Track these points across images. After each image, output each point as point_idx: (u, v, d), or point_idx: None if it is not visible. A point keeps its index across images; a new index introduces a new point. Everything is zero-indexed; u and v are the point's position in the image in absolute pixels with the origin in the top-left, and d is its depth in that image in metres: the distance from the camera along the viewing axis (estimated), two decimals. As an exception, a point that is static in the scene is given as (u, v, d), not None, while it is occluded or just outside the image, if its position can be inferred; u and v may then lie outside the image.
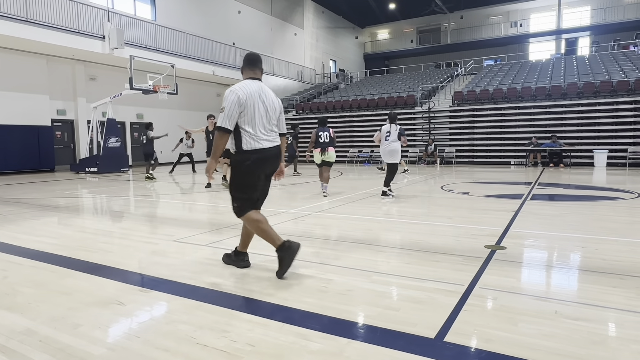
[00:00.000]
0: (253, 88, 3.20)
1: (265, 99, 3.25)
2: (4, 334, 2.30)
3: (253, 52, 3.49)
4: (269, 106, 3.25)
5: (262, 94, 3.23)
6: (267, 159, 3.20)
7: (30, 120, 15.48)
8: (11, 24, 13.19)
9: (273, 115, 3.29)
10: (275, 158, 3.27)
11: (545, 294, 2.87)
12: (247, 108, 3.12)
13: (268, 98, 3.27)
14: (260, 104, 3.19)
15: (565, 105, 16.36)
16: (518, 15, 33.03)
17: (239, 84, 3.22)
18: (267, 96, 3.28)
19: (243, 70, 3.41)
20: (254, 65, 3.36)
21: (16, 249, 4.22)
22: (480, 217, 5.78)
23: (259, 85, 3.26)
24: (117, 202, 7.97)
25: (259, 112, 3.17)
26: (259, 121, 3.17)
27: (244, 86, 3.18)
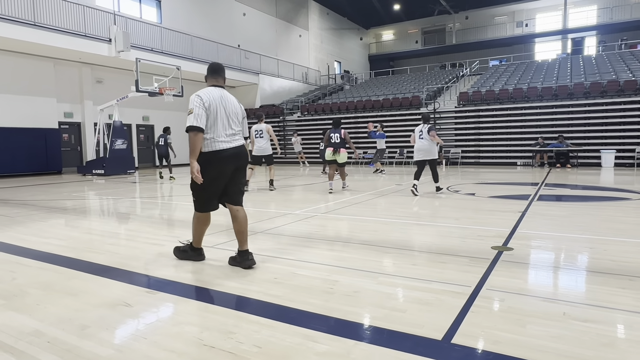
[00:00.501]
0: (215, 94, 3.47)
1: (227, 104, 3.52)
2: (12, 335, 2.31)
3: (216, 62, 3.77)
4: (230, 112, 3.52)
5: (223, 100, 3.50)
6: (226, 159, 3.46)
7: (37, 123, 15.62)
8: (19, 28, 13.32)
9: (235, 120, 3.57)
10: (235, 157, 3.51)
11: (553, 296, 2.84)
12: (210, 112, 3.39)
13: (229, 104, 3.55)
14: (222, 109, 3.46)
15: (572, 105, 16.25)
16: (524, 15, 32.88)
17: (203, 90, 3.47)
18: (229, 102, 3.55)
19: (207, 79, 3.67)
20: (217, 74, 3.63)
21: (24, 251, 4.25)
22: (487, 218, 5.75)
23: (220, 92, 3.53)
24: (123, 204, 8.02)
25: (220, 117, 3.44)
26: (220, 125, 3.44)
27: (208, 92, 3.45)
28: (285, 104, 24.34)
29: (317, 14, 32.19)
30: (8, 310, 2.67)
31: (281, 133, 22.37)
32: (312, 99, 25.58)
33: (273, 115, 22.82)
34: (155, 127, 20.21)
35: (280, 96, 25.84)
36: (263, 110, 23.26)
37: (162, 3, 20.30)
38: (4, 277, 3.37)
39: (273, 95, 25.26)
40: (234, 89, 24.91)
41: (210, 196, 3.55)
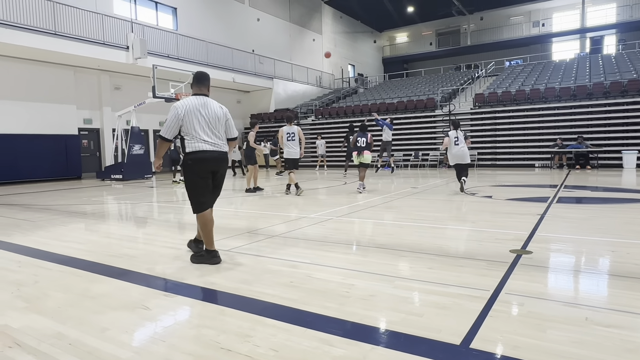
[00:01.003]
0: (195, 102, 3.76)
1: (207, 111, 3.77)
2: (36, 337, 2.36)
3: (201, 71, 4.05)
4: (210, 118, 3.77)
5: (204, 107, 3.77)
6: (206, 159, 3.71)
7: (58, 129, 16.00)
8: (41, 38, 13.70)
9: (217, 124, 3.81)
10: (216, 160, 3.77)
11: (574, 300, 2.78)
12: (186, 120, 3.69)
13: (210, 110, 3.79)
14: (200, 116, 3.73)
15: (591, 105, 15.92)
16: (540, 15, 32.42)
17: (183, 100, 3.79)
18: (209, 109, 3.80)
19: (192, 87, 3.95)
20: (201, 83, 3.91)
21: (46, 255, 4.35)
22: (505, 221, 5.66)
23: (201, 100, 3.81)
24: (141, 208, 8.14)
25: (198, 122, 3.72)
26: (200, 129, 3.72)
27: (186, 102, 3.75)
28: (299, 107, 24.44)
29: (330, 18, 32.30)
30: (31, 313, 2.74)
31: (295, 137, 22.42)
32: (326, 103, 25.63)
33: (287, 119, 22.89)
34: (171, 132, 20.47)
35: (295, 100, 25.96)
36: (278, 114, 23.40)
37: (178, 10, 20.63)
38: (26, 280, 3.45)
39: (287, 100, 25.40)
40: (248, 94, 25.14)
41: (201, 194, 3.78)
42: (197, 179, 3.75)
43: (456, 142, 8.83)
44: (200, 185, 3.77)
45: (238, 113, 24.63)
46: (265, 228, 5.51)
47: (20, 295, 3.08)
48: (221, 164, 3.84)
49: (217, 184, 3.90)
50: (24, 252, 4.47)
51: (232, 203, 8.61)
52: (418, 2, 32.26)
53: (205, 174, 3.76)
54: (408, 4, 32.54)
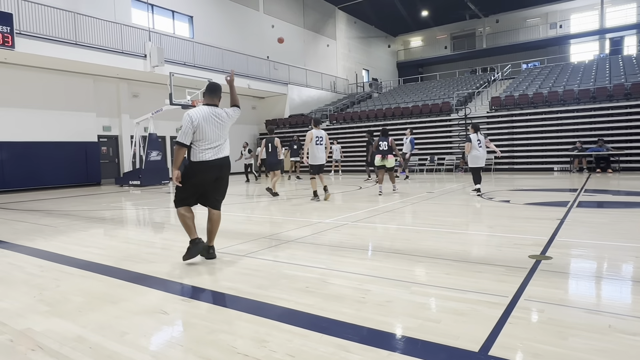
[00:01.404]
0: (205, 112, 3.94)
1: (216, 120, 3.98)
2: (57, 341, 2.41)
3: (214, 82, 4.24)
4: (218, 126, 3.99)
5: (213, 117, 3.97)
6: (208, 168, 3.93)
7: (78, 136, 16.37)
8: (62, 48, 14.08)
9: (224, 130, 4.05)
10: (218, 167, 3.99)
11: (596, 307, 2.71)
12: (197, 129, 3.87)
13: (218, 119, 4.00)
14: (211, 126, 3.93)
15: (611, 107, 15.58)
16: (557, 17, 31.95)
17: (195, 109, 3.96)
18: (218, 117, 4.01)
19: (204, 96, 4.15)
20: (213, 93, 4.10)
21: (67, 259, 4.44)
22: (523, 226, 5.57)
23: (211, 109, 3.99)
24: (158, 213, 8.25)
25: (207, 132, 3.90)
26: (207, 139, 3.92)
27: (198, 111, 3.92)
28: (313, 113, 24.52)
29: (344, 23, 32.40)
30: (52, 317, 2.80)
31: (310, 142, 22.48)
32: (340, 108, 25.66)
33: (302, 124, 23.01)
34: (188, 139, 20.76)
35: (309, 105, 26.06)
36: (292, 119, 23.52)
37: (194, 19, 20.97)
38: (48, 285, 3.53)
39: (302, 105, 25.52)
40: (263, 100, 25.34)
41: (187, 196, 4.06)
42: (192, 184, 3.98)
43: (479, 145, 9.18)
44: (191, 190, 4.02)
45: (253, 119, 24.84)
46: (281, 233, 5.53)
47: (43, 299, 3.15)
48: (223, 170, 4.05)
49: (219, 188, 4.13)
50: (46, 257, 4.57)
51: (247, 208, 8.67)
52: (432, 6, 32.14)
53: (203, 182, 4.01)
54: (422, 8, 32.46)
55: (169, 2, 19.76)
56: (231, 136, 17.07)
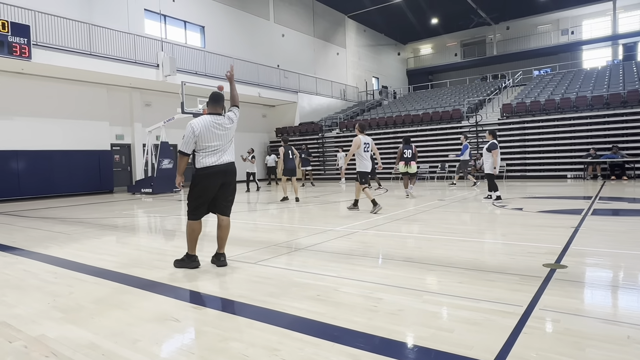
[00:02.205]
0: (207, 121, 4.02)
1: (218, 128, 4.05)
2: (70, 347, 2.43)
3: (217, 92, 4.23)
4: (221, 134, 4.06)
5: (215, 126, 4.04)
6: (212, 174, 4.01)
7: (92, 145, 16.63)
8: (77, 58, 14.36)
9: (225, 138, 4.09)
10: (222, 173, 4.05)
11: (614, 317, 2.65)
12: (200, 138, 3.98)
13: (221, 126, 4.08)
14: (213, 134, 4.01)
15: (626, 113, 15.36)
16: (569, 23, 31.73)
17: (198, 118, 4.05)
18: (221, 125, 4.07)
19: (207, 106, 4.21)
20: (216, 102, 4.16)
21: (81, 266, 4.49)
22: (537, 234, 5.49)
23: (214, 118, 4.06)
24: (170, 221, 8.31)
25: (210, 139, 4.00)
26: (210, 146, 4.01)
27: (200, 121, 4.02)
28: (323, 121, 24.59)
29: (354, 31, 32.57)
30: (66, 323, 2.82)
31: (320, 150, 22.56)
32: (350, 115, 25.70)
33: (312, 132, 23.09)
34: (199, 147, 20.96)
35: (319, 113, 26.15)
36: (302, 127, 23.60)
37: (206, 29, 21.26)
38: (62, 292, 3.56)
39: (312, 113, 25.61)
40: (273, 108, 25.49)
41: (198, 205, 4.10)
42: (202, 191, 4.06)
43: None
44: (200, 198, 4.08)
45: (263, 127, 24.98)
46: (291, 241, 5.53)
47: (56, 306, 3.18)
48: (227, 176, 4.10)
49: (226, 194, 4.16)
50: (60, 264, 4.62)
51: (257, 216, 8.69)
52: (442, 14, 32.16)
53: (209, 189, 4.06)
54: (432, 16, 32.49)
55: (181, 13, 20.08)
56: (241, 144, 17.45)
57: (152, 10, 18.52)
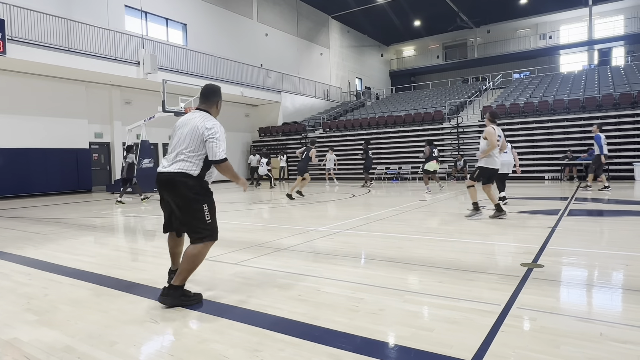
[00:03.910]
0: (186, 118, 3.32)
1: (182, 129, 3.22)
2: (45, 351, 2.37)
3: (208, 84, 3.44)
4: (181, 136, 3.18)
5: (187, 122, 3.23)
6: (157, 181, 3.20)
7: (69, 143, 16.23)
8: (55, 54, 14.00)
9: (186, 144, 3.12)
10: (160, 183, 3.16)
11: (588, 315, 2.73)
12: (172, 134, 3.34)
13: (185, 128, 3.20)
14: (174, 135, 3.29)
15: (601, 117, 15.80)
16: (547, 27, 32.47)
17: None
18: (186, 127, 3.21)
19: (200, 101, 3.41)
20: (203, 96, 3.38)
21: (56, 268, 4.38)
22: (515, 234, 5.60)
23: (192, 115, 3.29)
24: (150, 221, 8.18)
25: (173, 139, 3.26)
26: (170, 147, 3.29)
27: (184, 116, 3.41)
28: (307, 121, 24.57)
29: (337, 32, 32.64)
30: (41, 326, 2.75)
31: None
32: (333, 116, 25.75)
33: (295, 132, 23.04)
34: (180, 146, 20.71)
35: (302, 113, 26.12)
36: (285, 127, 23.54)
37: (188, 26, 21.00)
38: (37, 294, 3.47)
39: (295, 113, 25.58)
40: (256, 107, 25.36)
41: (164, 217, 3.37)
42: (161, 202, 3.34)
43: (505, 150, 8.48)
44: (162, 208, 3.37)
45: (246, 126, 24.83)
46: (273, 241, 5.50)
47: (31, 308, 3.09)
48: (165, 188, 3.14)
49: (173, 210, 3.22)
50: (35, 265, 4.50)
51: (239, 216, 8.62)
52: (424, 16, 32.51)
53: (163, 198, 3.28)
54: (414, 18, 32.80)
55: (163, 10, 19.78)
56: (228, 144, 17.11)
57: (132, 6, 18.20)
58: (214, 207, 3.18)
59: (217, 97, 3.39)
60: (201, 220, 3.07)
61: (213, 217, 3.15)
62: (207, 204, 3.12)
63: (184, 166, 3.10)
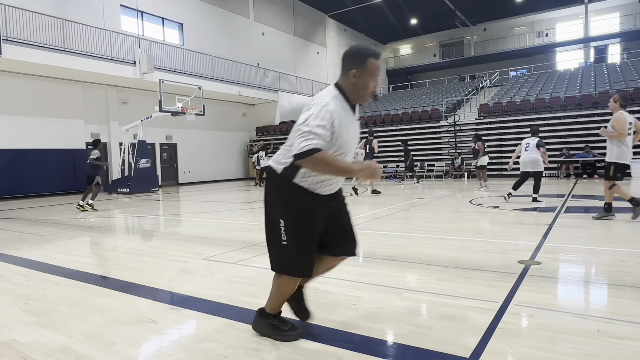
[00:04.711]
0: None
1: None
2: (43, 352, 2.36)
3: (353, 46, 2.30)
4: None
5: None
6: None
7: (66, 144, 16.17)
8: (50, 54, 13.93)
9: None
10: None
11: (585, 311, 2.74)
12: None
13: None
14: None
15: (597, 114, 15.86)
16: (543, 25, 32.52)
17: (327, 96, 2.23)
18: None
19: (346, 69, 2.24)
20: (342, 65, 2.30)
21: (54, 268, 4.37)
22: (512, 232, 5.62)
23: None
24: (147, 221, 8.17)
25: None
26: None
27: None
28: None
29: (334, 31, 32.62)
30: (39, 327, 2.74)
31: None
32: (331, 115, 25.71)
33: (292, 131, 23.01)
34: (177, 146, 20.67)
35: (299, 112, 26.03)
36: (283, 126, 23.53)
37: (184, 26, 20.94)
38: (34, 295, 3.46)
39: (292, 112, 25.55)
40: (253, 107, 25.32)
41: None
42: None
43: (526, 148, 8.66)
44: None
45: (244, 125, 24.79)
46: (272, 240, 5.49)
47: (28, 310, 3.09)
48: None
49: None
50: (32, 266, 4.49)
51: (237, 215, 8.62)
52: (421, 14, 32.51)
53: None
54: (411, 16, 32.80)
55: (159, 9, 19.71)
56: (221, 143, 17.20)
57: (128, 6, 18.12)
58: (300, 225, 2.23)
59: (352, 63, 2.21)
60: (276, 238, 2.31)
61: (294, 240, 2.24)
62: (286, 219, 2.24)
63: (274, 158, 2.33)
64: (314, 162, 2.06)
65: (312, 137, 2.05)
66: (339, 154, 2.20)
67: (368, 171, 2.16)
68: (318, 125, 2.07)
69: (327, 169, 2.08)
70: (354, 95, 2.25)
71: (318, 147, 2.03)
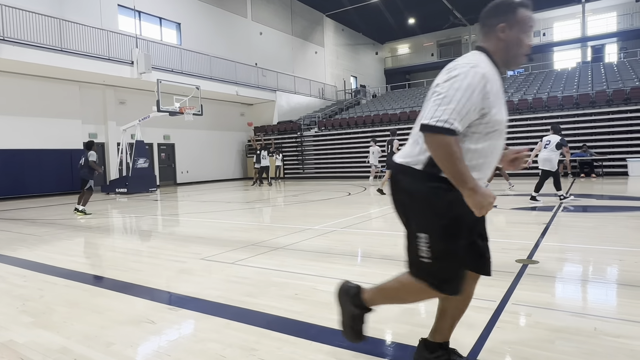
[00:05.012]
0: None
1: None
2: (41, 352, 2.36)
3: None
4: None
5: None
6: None
7: (63, 144, 16.13)
8: (47, 54, 13.90)
9: None
10: None
11: (582, 310, 2.75)
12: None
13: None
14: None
15: (594, 113, 15.91)
16: (541, 25, 32.58)
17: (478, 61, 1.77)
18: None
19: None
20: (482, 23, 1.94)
21: (51, 269, 4.36)
22: (510, 231, 5.63)
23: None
24: (145, 221, 8.16)
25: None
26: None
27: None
28: (302, 119, 24.55)
29: (332, 30, 32.61)
30: (36, 328, 2.73)
31: (299, 149, 22.52)
32: (329, 114, 25.74)
33: (290, 131, 23.02)
34: (175, 146, 20.64)
35: (298, 112, 26.09)
36: (281, 126, 23.52)
37: (182, 25, 20.91)
38: (32, 295, 3.45)
39: (290, 112, 25.54)
40: (251, 106, 25.31)
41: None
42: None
43: (546, 145, 8.71)
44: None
45: (242, 125, 24.77)
46: (269, 240, 5.50)
47: (26, 310, 3.08)
48: None
49: None
50: (30, 267, 4.47)
51: (235, 215, 8.62)
52: (419, 14, 32.54)
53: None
54: (409, 15, 32.83)
55: (157, 9, 19.68)
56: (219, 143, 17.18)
57: (126, 6, 18.08)
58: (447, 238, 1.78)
59: (498, 17, 1.83)
60: (414, 252, 1.89)
61: (440, 255, 1.78)
62: (430, 232, 1.77)
63: (404, 151, 1.90)
64: (438, 145, 1.60)
65: (444, 111, 1.59)
66: (493, 132, 1.75)
67: (480, 201, 1.74)
68: (460, 97, 1.60)
69: (447, 162, 1.60)
70: (505, 57, 1.79)
71: (453, 127, 1.58)
